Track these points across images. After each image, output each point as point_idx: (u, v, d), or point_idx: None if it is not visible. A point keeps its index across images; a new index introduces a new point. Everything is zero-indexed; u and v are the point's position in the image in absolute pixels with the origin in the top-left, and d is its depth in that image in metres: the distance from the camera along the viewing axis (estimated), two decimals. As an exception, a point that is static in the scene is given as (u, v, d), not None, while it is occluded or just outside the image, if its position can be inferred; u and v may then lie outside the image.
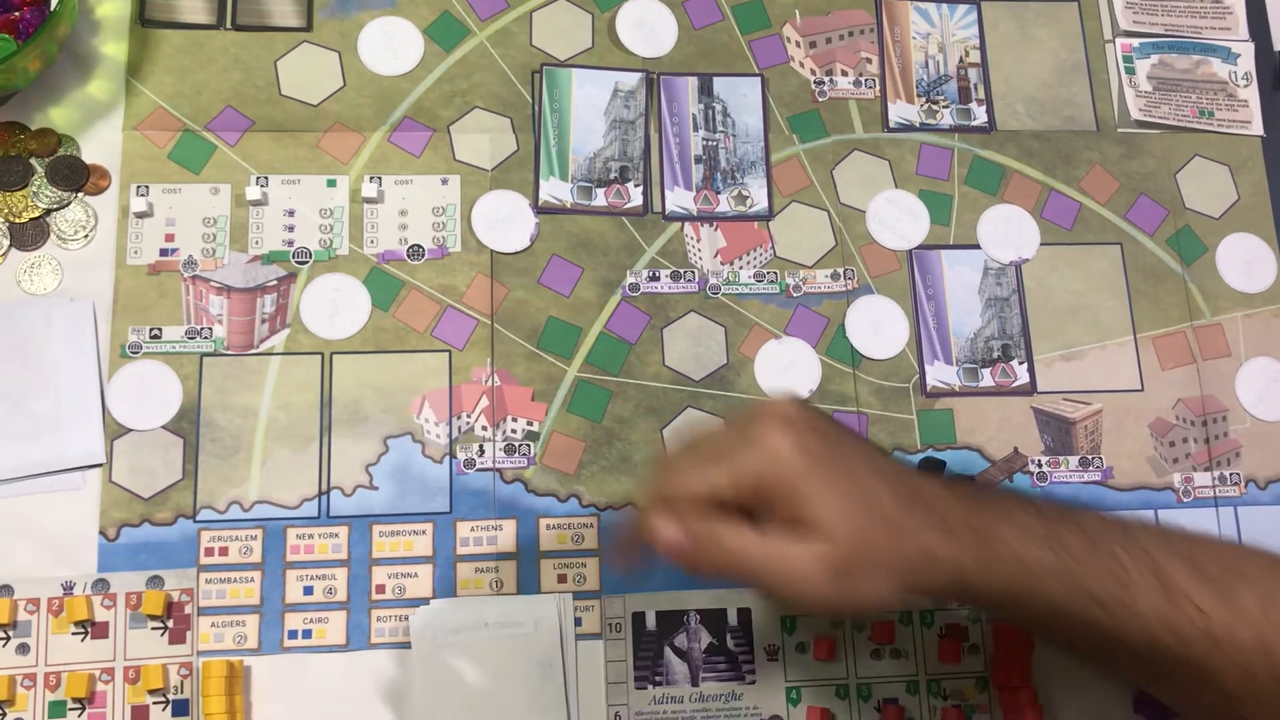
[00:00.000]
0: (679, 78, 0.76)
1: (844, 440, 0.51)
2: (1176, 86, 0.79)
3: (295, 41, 0.74)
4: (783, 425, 0.49)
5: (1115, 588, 0.50)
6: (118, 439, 0.65)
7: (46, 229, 0.68)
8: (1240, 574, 0.51)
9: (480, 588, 0.65)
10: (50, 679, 0.61)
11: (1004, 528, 0.51)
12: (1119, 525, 0.53)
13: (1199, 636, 0.50)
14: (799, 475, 0.48)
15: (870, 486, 0.49)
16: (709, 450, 0.51)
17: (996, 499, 0.53)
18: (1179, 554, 0.51)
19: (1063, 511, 0.53)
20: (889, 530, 0.49)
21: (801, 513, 0.48)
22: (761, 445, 0.49)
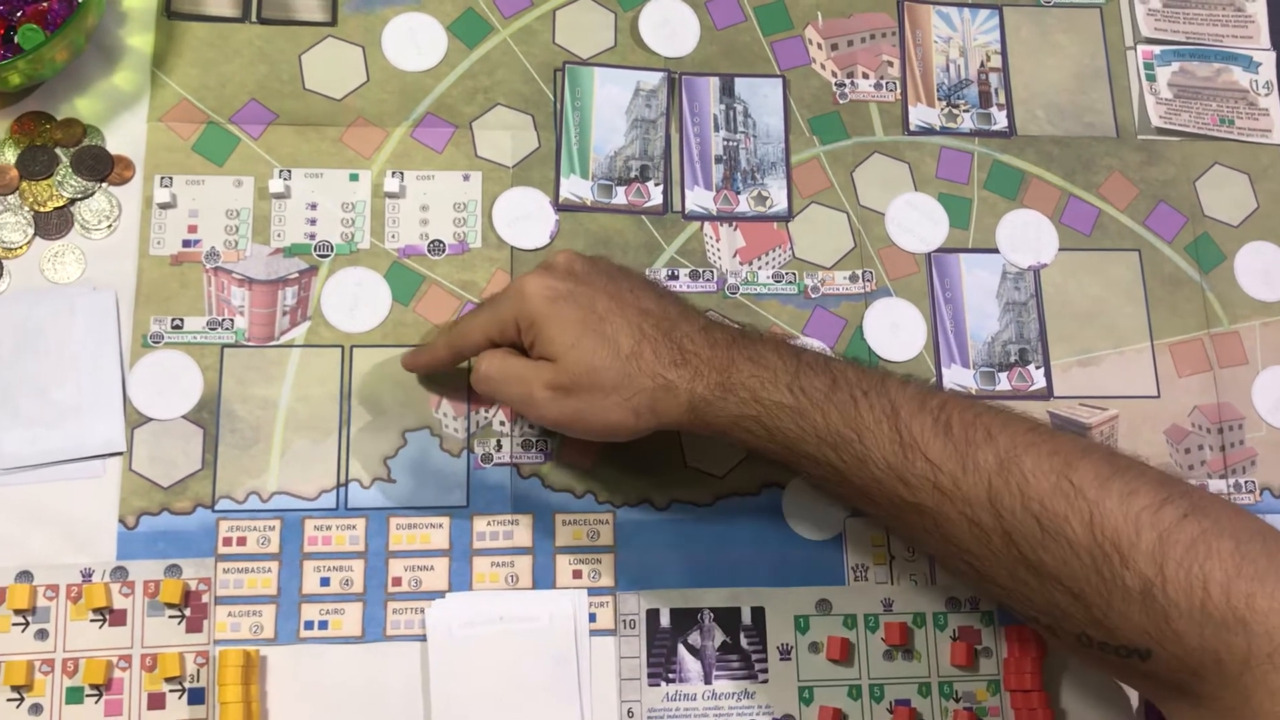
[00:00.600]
0: (700, 78, 0.76)
1: (598, 280, 0.59)
2: (1197, 94, 0.80)
3: (320, 36, 0.74)
4: (540, 272, 0.59)
5: (849, 432, 0.55)
6: (138, 428, 0.66)
7: (70, 218, 0.69)
8: (988, 433, 0.53)
9: (496, 582, 0.66)
10: (68, 665, 0.62)
11: (747, 366, 0.56)
12: (876, 377, 0.56)
13: (927, 487, 0.54)
14: (540, 313, 0.58)
15: (609, 322, 0.57)
16: (486, 302, 0.62)
17: (752, 341, 0.58)
18: (929, 409, 0.54)
19: (820, 359, 0.57)
20: (620, 360, 0.56)
21: (541, 346, 0.58)
22: (517, 291, 0.59)
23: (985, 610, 0.67)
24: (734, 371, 0.56)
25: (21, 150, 0.69)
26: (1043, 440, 0.53)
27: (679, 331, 0.57)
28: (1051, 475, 0.52)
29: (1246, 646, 0.48)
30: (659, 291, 0.61)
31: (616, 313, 0.57)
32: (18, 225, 0.68)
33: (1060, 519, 0.51)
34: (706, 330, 0.58)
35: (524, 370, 0.59)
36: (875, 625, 0.67)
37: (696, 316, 0.59)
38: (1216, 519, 0.51)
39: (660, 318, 0.58)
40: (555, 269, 0.60)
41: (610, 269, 0.61)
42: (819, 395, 0.55)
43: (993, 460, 0.53)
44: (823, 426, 0.55)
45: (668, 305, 0.59)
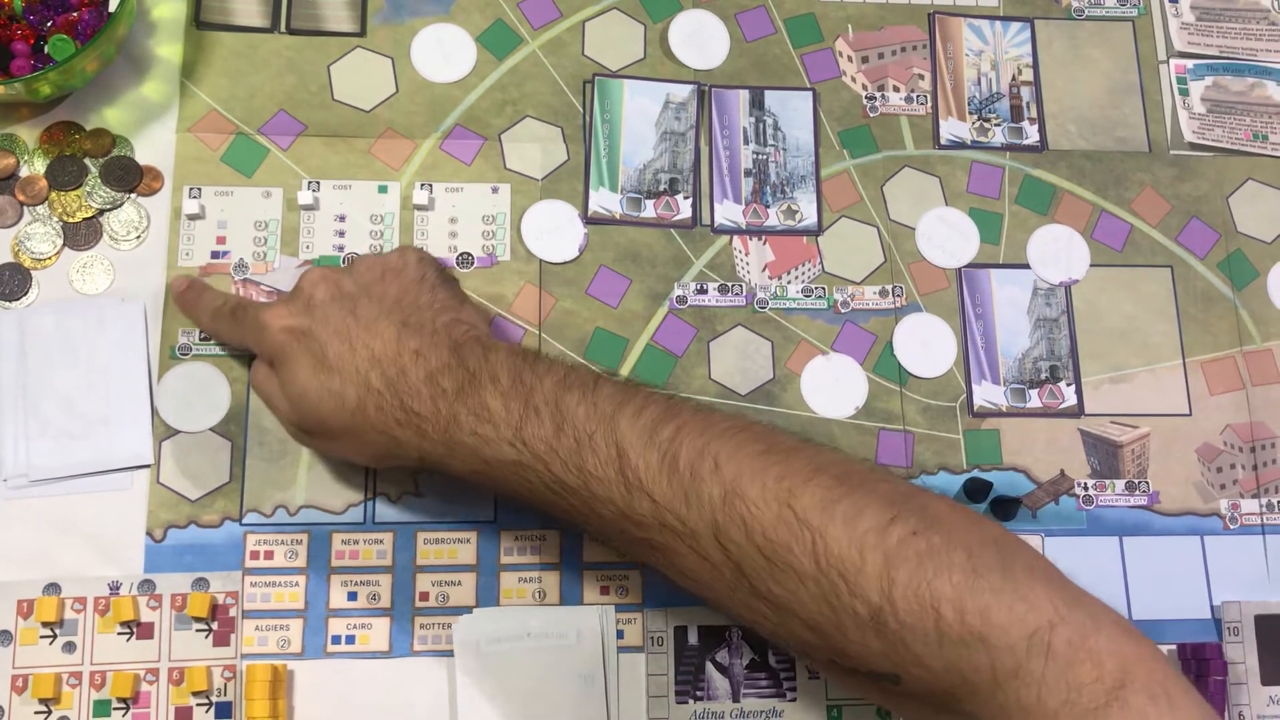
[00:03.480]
0: (730, 90, 0.76)
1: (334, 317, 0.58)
2: (1230, 109, 0.79)
3: (349, 46, 0.74)
4: (284, 303, 0.60)
5: (575, 480, 0.53)
6: (166, 440, 0.66)
7: (99, 229, 0.69)
8: (715, 464, 0.51)
9: (523, 597, 0.65)
10: (95, 678, 0.62)
11: (469, 422, 0.55)
12: (606, 412, 0.54)
13: (654, 525, 0.52)
14: (275, 353, 0.59)
15: (337, 373, 0.56)
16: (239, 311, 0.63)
17: (479, 386, 0.55)
18: (657, 444, 0.52)
19: (552, 394, 0.55)
20: (347, 414, 0.56)
21: (280, 382, 0.59)
22: (258, 323, 0.60)
23: (1015, 630, 0.67)
24: (455, 429, 0.55)
25: (51, 160, 0.69)
26: (772, 464, 0.51)
27: (404, 384, 0.56)
28: (774, 504, 0.50)
29: (990, 663, 0.46)
30: (402, 319, 0.58)
31: (346, 360, 0.57)
32: (47, 236, 0.68)
33: (785, 549, 0.49)
34: (433, 380, 0.56)
35: (271, 398, 0.61)
36: (904, 644, 0.66)
37: (434, 354, 0.57)
38: (948, 533, 0.49)
39: (389, 365, 0.56)
40: (297, 298, 0.60)
41: (354, 295, 0.59)
42: (542, 447, 0.54)
43: (717, 493, 0.51)
44: (548, 477, 0.54)
45: (404, 344, 0.57)
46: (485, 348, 0.57)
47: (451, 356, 0.56)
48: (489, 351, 0.57)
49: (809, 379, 0.71)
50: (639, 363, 0.70)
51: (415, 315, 0.59)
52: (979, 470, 0.70)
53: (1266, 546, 0.71)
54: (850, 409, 0.70)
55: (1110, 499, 0.71)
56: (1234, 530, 0.71)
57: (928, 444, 0.70)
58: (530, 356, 0.57)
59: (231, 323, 0.63)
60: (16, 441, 0.64)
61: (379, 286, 0.60)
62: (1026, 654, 0.46)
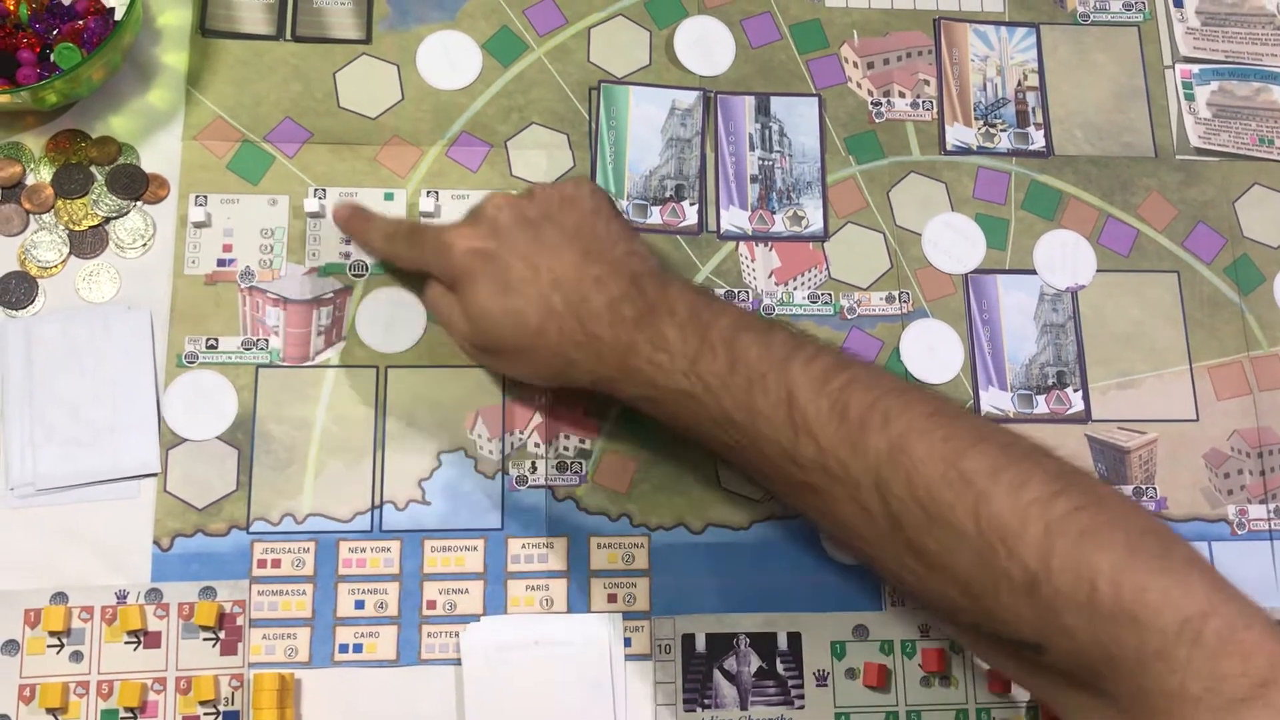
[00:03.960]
0: (736, 96, 0.76)
1: (519, 240, 0.59)
2: (1236, 114, 0.79)
3: (354, 54, 0.74)
4: (469, 224, 0.61)
5: (742, 417, 0.55)
6: (173, 449, 0.66)
7: (105, 237, 0.69)
8: (885, 418, 0.53)
9: (531, 605, 0.65)
10: (103, 687, 0.62)
11: (646, 349, 0.56)
12: (779, 355, 0.55)
13: (817, 469, 0.53)
14: (459, 275, 0.60)
15: (519, 293, 0.58)
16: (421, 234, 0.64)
17: (658, 317, 0.57)
18: (827, 392, 0.54)
19: (727, 331, 0.56)
20: (528, 334, 0.58)
21: (460, 302, 0.60)
22: (443, 244, 0.61)
23: (1023, 636, 0.67)
24: (632, 356, 0.57)
25: (57, 169, 0.69)
26: (939, 425, 0.52)
27: (586, 309, 0.57)
28: (940, 463, 0.51)
29: (1138, 643, 0.47)
30: (584, 247, 0.60)
31: (529, 283, 0.58)
32: (53, 244, 0.68)
33: (946, 507, 0.50)
34: (613, 306, 0.57)
35: (451, 318, 0.62)
36: (912, 651, 0.66)
37: (615, 283, 0.58)
38: (1111, 513, 0.50)
39: (571, 290, 0.58)
40: (481, 220, 0.61)
41: (536, 221, 0.60)
42: (715, 381, 0.55)
43: (883, 446, 0.52)
44: (716, 411, 0.56)
45: (585, 270, 0.58)
46: (662, 280, 0.59)
47: (630, 286, 0.58)
48: (666, 284, 0.59)
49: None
50: (646, 369, 0.70)
51: (594, 244, 0.60)
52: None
53: (1275, 552, 0.71)
54: (857, 415, 0.70)
55: (1118, 505, 0.70)
56: (1241, 536, 0.71)
57: (935, 450, 0.70)
58: (706, 294, 0.60)
59: (408, 244, 0.64)
60: (23, 450, 0.64)
61: (560, 214, 0.61)
62: (1176, 638, 0.46)
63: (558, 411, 0.68)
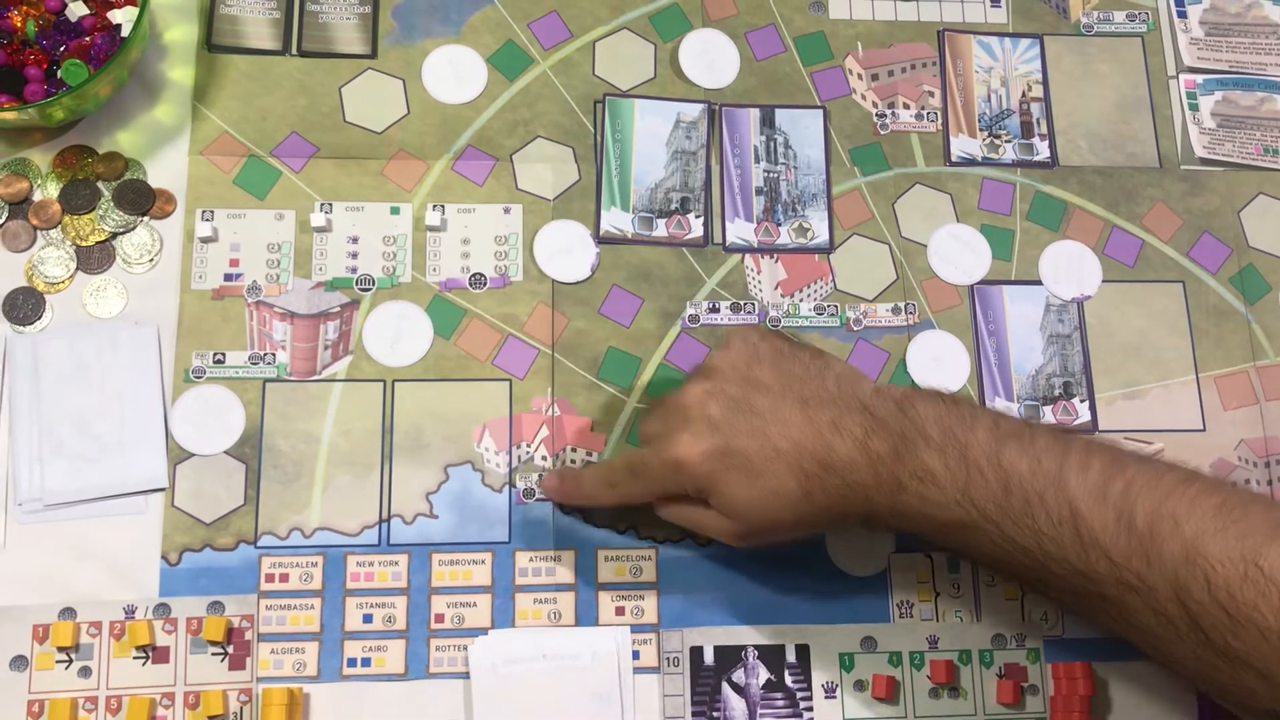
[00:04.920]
0: (741, 109, 0.76)
1: (741, 425, 0.57)
2: (1241, 124, 0.79)
3: (360, 68, 0.74)
4: (683, 429, 0.58)
5: (1026, 540, 0.54)
6: (180, 463, 0.66)
7: (112, 252, 0.69)
8: (1174, 522, 0.52)
9: (539, 618, 0.65)
10: (111, 703, 0.62)
11: (913, 484, 0.55)
12: (1052, 469, 0.54)
13: (1110, 581, 0.53)
14: (703, 484, 0.58)
15: (771, 473, 0.56)
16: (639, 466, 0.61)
17: (914, 447, 0.55)
18: (1110, 502, 0.53)
19: (990, 448, 0.55)
20: (794, 505, 0.56)
21: (716, 506, 0.58)
22: (672, 463, 0.58)
23: (1032, 648, 0.67)
24: (900, 493, 0.55)
25: (64, 184, 0.69)
26: (1230, 521, 0.51)
27: (838, 459, 0.56)
28: (1240, 563, 0.50)
29: None
30: (798, 396, 0.58)
31: (773, 458, 0.56)
32: (60, 259, 0.68)
33: (1250, 607, 0.50)
34: (864, 445, 0.56)
35: (707, 521, 0.60)
36: (921, 663, 0.66)
37: (852, 421, 0.56)
38: None
39: (814, 445, 0.56)
40: (693, 421, 0.58)
41: (742, 396, 0.58)
42: (991, 506, 0.54)
43: (1178, 551, 0.51)
44: (998, 536, 0.55)
45: (816, 419, 0.57)
46: (895, 401, 0.57)
47: (866, 417, 0.56)
48: (902, 405, 0.57)
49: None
50: (652, 382, 0.70)
51: (805, 388, 0.58)
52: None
53: (1282, 562, 0.70)
54: (864, 427, 0.70)
55: (1125, 515, 0.70)
56: (1250, 546, 0.70)
57: (942, 461, 0.70)
58: (948, 403, 0.57)
59: (634, 479, 0.61)
60: (31, 465, 0.64)
61: (755, 376, 0.59)
62: None
63: (564, 425, 0.68)
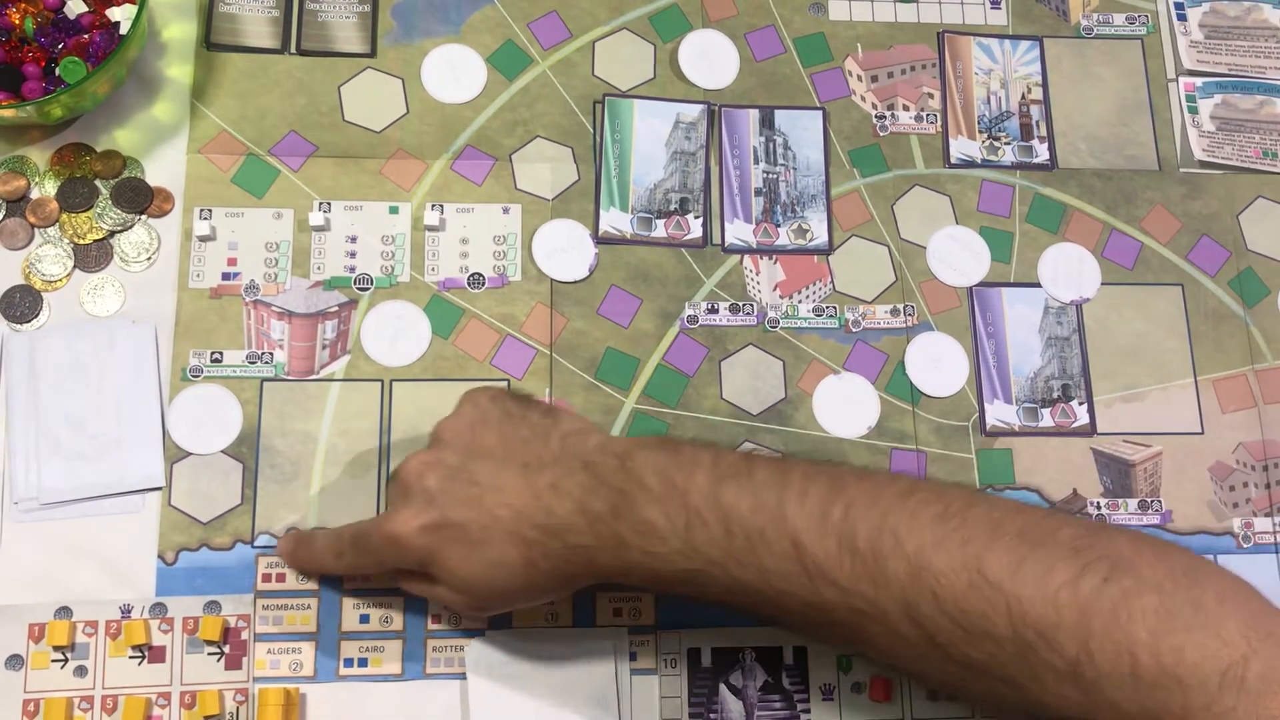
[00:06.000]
0: (740, 110, 0.76)
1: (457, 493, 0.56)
2: (1240, 127, 0.79)
3: (359, 67, 0.74)
4: (401, 505, 0.57)
5: (754, 580, 0.53)
6: (177, 462, 0.65)
7: (110, 251, 0.69)
8: (895, 539, 0.51)
9: (536, 620, 0.65)
10: (107, 702, 0.61)
11: (635, 540, 0.54)
12: (771, 503, 0.53)
13: (842, 609, 0.52)
14: (424, 558, 0.57)
15: (491, 544, 0.55)
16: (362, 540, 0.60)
17: (632, 500, 0.54)
18: (831, 528, 0.51)
19: (708, 493, 0.53)
20: (520, 575, 0.56)
21: (441, 579, 0.57)
22: (391, 538, 0.57)
23: (1029, 650, 0.67)
24: (625, 551, 0.54)
25: (61, 182, 0.69)
26: (951, 531, 0.51)
27: (555, 520, 0.54)
28: (964, 573, 0.50)
29: (1184, 702, 0.46)
30: (519, 461, 0.57)
31: (489, 527, 0.55)
32: (57, 258, 0.68)
33: (979, 616, 0.49)
34: (582, 506, 0.54)
35: (438, 594, 0.59)
36: (918, 665, 0.66)
37: (572, 482, 0.55)
38: (1138, 574, 0.49)
39: (533, 511, 0.55)
40: (411, 495, 0.57)
41: (460, 465, 0.57)
42: (715, 552, 0.53)
43: (903, 570, 0.50)
44: (727, 581, 0.53)
45: (535, 484, 0.55)
46: (616, 455, 0.55)
47: (586, 476, 0.55)
48: (624, 459, 0.55)
49: (821, 398, 0.70)
50: (650, 383, 0.70)
51: (526, 451, 0.57)
52: (991, 490, 0.70)
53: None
54: (862, 428, 0.70)
55: (1123, 518, 0.70)
56: (1248, 549, 0.71)
57: (940, 464, 0.70)
58: (669, 449, 0.55)
59: (359, 552, 0.61)
60: (28, 463, 0.64)
61: (476, 443, 0.58)
62: (1219, 690, 0.46)
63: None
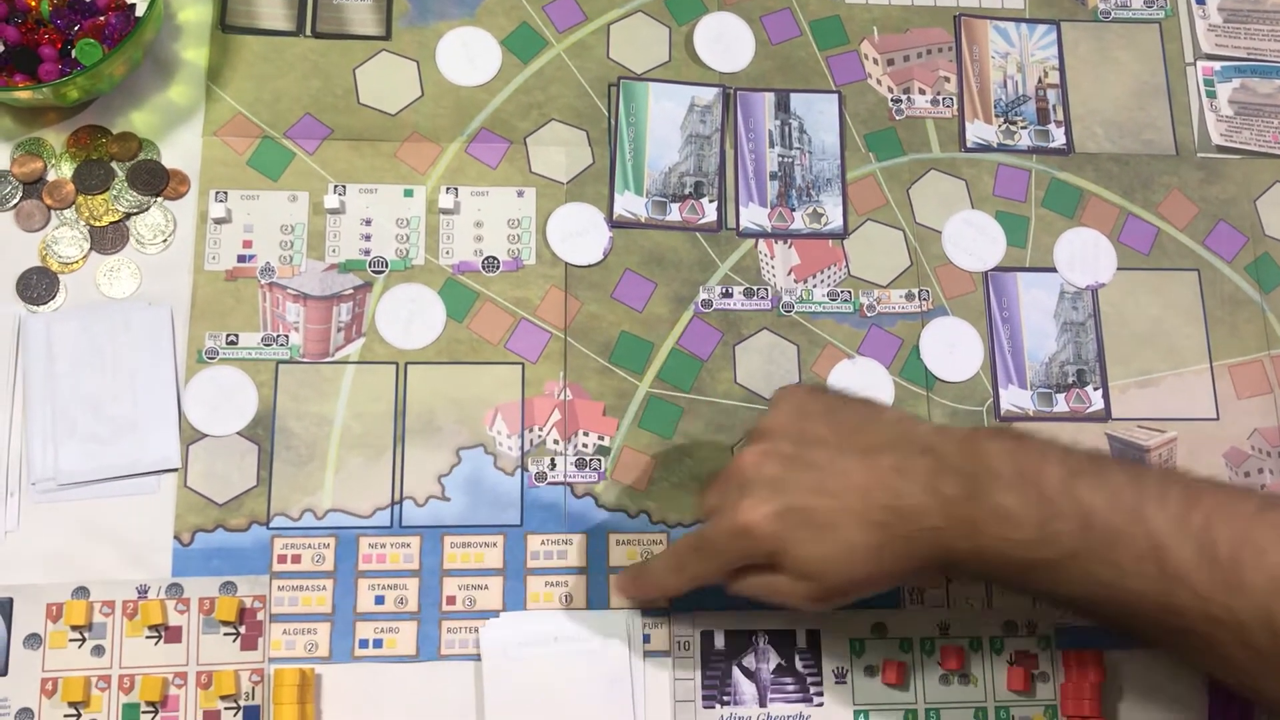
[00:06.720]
0: (755, 93, 0.75)
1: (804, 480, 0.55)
2: (1259, 111, 0.78)
3: (374, 50, 0.74)
4: (743, 494, 0.56)
5: (1111, 574, 0.52)
6: (193, 444, 0.66)
7: (126, 233, 0.69)
8: (1258, 549, 0.50)
9: (550, 602, 0.65)
10: (124, 681, 0.62)
11: (991, 525, 0.53)
12: (1129, 501, 0.52)
13: (1196, 616, 0.51)
14: (774, 548, 0.55)
15: (841, 528, 0.54)
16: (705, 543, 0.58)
17: (986, 486, 0.53)
18: (1191, 534, 0.51)
19: (1063, 485, 0.53)
20: (868, 560, 0.55)
21: (789, 571, 0.56)
22: (740, 530, 0.55)
23: (1043, 635, 0.67)
24: (978, 535, 0.53)
25: (78, 165, 0.69)
26: None
27: (904, 502, 0.54)
28: None
29: None
30: (856, 446, 0.56)
31: (840, 511, 0.55)
32: (74, 240, 0.68)
33: None
34: (932, 488, 0.54)
35: (781, 586, 0.57)
36: (931, 649, 0.66)
37: (916, 464, 0.55)
38: None
39: (881, 493, 0.54)
40: (752, 486, 0.56)
41: (796, 454, 0.57)
42: (1071, 544, 0.52)
43: (1264, 582, 0.49)
44: (1079, 574, 0.53)
45: (878, 466, 0.55)
46: (958, 441, 0.55)
47: (929, 459, 0.55)
48: (967, 443, 0.55)
49: (835, 383, 0.70)
50: (664, 367, 0.70)
51: (858, 439, 0.57)
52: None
53: (1295, 552, 0.70)
54: (876, 413, 0.70)
55: (1138, 504, 0.70)
56: (1262, 535, 0.70)
57: (954, 448, 0.70)
58: (1015, 438, 0.55)
59: (703, 558, 0.59)
60: (45, 445, 0.65)
61: (808, 432, 0.57)
62: None
63: (576, 409, 0.68)
